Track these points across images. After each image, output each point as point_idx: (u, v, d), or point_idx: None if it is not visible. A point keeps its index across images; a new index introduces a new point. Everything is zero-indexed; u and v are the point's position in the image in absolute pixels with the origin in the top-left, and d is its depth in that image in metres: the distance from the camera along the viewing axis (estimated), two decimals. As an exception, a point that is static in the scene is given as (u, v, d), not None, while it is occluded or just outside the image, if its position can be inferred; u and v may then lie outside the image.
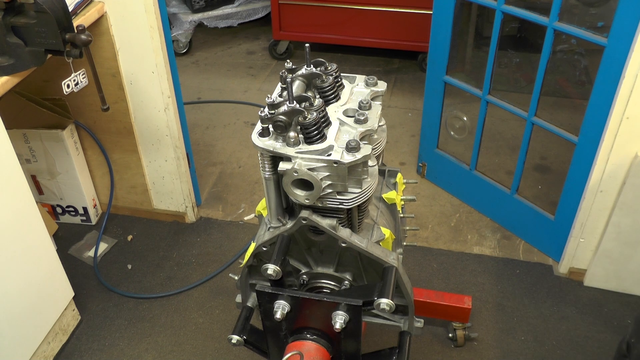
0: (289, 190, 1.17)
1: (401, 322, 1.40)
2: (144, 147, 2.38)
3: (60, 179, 2.44)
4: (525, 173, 2.33)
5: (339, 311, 1.23)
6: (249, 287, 1.46)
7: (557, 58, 3.20)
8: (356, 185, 1.17)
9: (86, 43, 1.59)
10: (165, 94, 2.19)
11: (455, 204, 2.62)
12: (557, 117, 2.94)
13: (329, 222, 1.21)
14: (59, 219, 2.60)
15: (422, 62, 3.56)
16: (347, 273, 1.34)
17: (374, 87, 1.32)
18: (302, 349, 1.29)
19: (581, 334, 2.04)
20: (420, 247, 2.41)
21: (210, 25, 3.96)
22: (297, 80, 1.25)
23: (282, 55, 3.84)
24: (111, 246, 2.47)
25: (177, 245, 2.48)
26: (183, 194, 2.50)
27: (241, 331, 1.41)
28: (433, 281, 2.26)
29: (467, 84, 2.32)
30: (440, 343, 2.04)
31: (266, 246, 1.30)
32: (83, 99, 2.25)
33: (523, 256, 2.35)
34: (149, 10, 1.98)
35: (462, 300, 1.95)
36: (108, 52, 2.09)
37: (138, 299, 2.25)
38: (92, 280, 2.33)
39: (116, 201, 2.59)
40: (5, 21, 1.55)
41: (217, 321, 2.15)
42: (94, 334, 2.12)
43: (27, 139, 2.32)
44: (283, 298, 1.26)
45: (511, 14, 2.03)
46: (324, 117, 1.17)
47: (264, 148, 1.16)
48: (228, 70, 3.77)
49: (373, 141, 1.25)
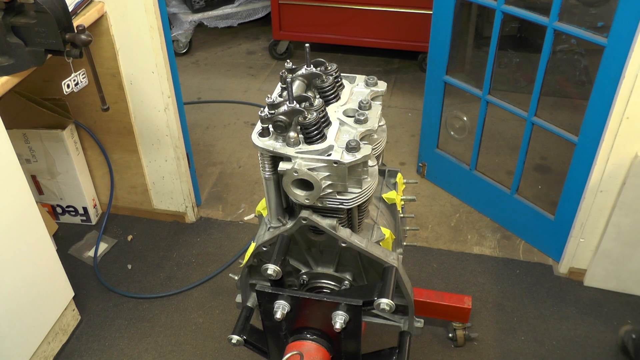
0: (289, 190, 1.17)
1: (401, 322, 1.40)
2: (144, 147, 2.38)
3: (60, 179, 2.44)
4: (525, 173, 2.33)
5: (339, 311, 1.23)
6: (249, 287, 1.46)
7: (557, 58, 3.20)
8: (356, 185, 1.17)
9: (86, 43, 1.59)
10: (165, 94, 2.19)
11: (455, 204, 2.62)
12: (557, 117, 2.95)
13: (329, 222, 1.21)
14: (59, 219, 2.60)
15: (422, 62, 3.56)
16: (347, 273, 1.34)
17: (374, 87, 1.32)
18: (302, 349, 1.29)
19: (581, 334, 2.04)
20: (420, 247, 2.41)
21: (210, 25, 3.96)
22: (297, 80, 1.25)
23: (282, 55, 3.84)
24: (111, 246, 2.47)
25: (177, 245, 2.48)
26: (183, 194, 2.50)
27: (241, 331, 1.41)
28: (433, 281, 2.26)
29: (467, 84, 2.32)
30: (440, 343, 2.04)
31: (266, 246, 1.30)
32: (83, 99, 2.25)
33: (523, 256, 2.35)
34: (149, 10, 1.98)
35: (462, 300, 1.95)
36: (108, 52, 2.09)
37: (138, 299, 2.25)
38: (92, 280, 2.33)
39: (116, 201, 2.59)
40: (5, 21, 1.55)
41: (217, 321, 2.15)
42: (94, 334, 2.12)
43: (27, 139, 2.32)
44: (283, 298, 1.26)
45: (511, 14, 2.03)
46: (324, 117, 1.17)
47: (264, 148, 1.16)
48: (228, 70, 3.77)
49: (373, 141, 1.25)
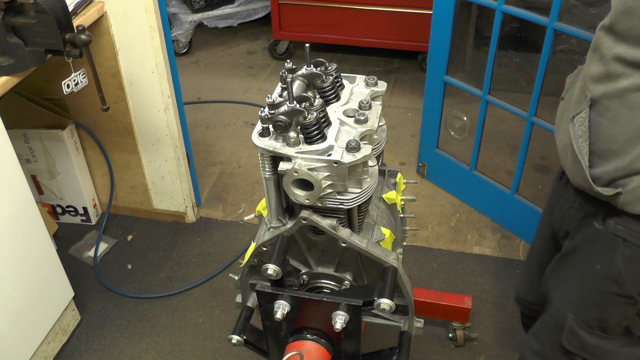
0: (289, 190, 1.17)
1: (401, 322, 1.40)
2: (144, 147, 2.38)
3: (60, 179, 2.44)
4: (525, 173, 2.33)
5: (339, 311, 1.22)
6: (249, 287, 1.46)
7: (557, 58, 3.20)
8: (356, 185, 1.17)
9: (86, 43, 1.59)
10: (165, 94, 2.19)
11: (455, 204, 2.62)
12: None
13: (329, 222, 1.21)
14: (59, 219, 2.59)
15: (422, 62, 3.56)
16: (347, 273, 1.34)
17: (374, 87, 1.32)
18: (302, 349, 1.29)
19: (581, 334, 2.04)
20: (420, 247, 2.41)
21: (210, 25, 3.96)
22: (297, 80, 1.25)
23: (282, 55, 3.84)
24: (111, 246, 2.47)
25: (177, 245, 2.48)
26: (183, 194, 2.50)
27: (241, 331, 1.41)
28: (433, 281, 2.26)
29: (467, 84, 2.32)
30: (440, 343, 2.04)
31: (266, 246, 1.30)
32: (83, 99, 2.25)
33: (523, 256, 2.35)
34: (149, 10, 1.98)
35: (462, 300, 1.95)
36: (108, 52, 2.09)
37: (138, 299, 2.25)
38: (92, 280, 2.33)
39: (116, 201, 2.59)
40: (5, 21, 1.55)
41: (217, 321, 2.15)
42: (94, 334, 2.12)
43: (27, 139, 2.32)
44: (283, 298, 1.26)
45: (511, 14, 2.03)
46: (324, 117, 1.17)
47: (264, 148, 1.16)
48: (228, 70, 3.77)
49: (373, 141, 1.25)
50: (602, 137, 1.12)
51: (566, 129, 1.22)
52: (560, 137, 1.30)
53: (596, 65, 1.13)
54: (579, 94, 1.19)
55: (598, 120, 1.13)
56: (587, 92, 1.14)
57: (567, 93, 1.31)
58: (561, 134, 1.29)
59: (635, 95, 1.05)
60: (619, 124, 1.09)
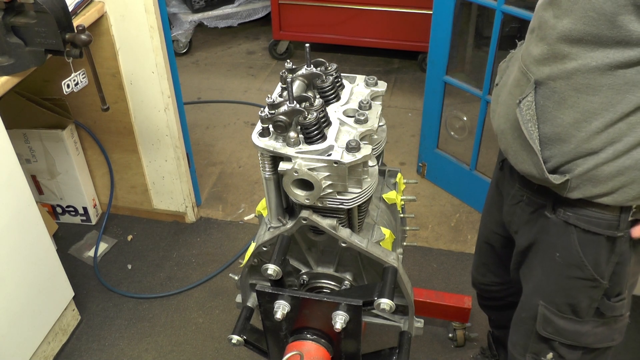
0: (289, 190, 1.17)
1: (401, 322, 1.40)
2: (144, 147, 2.38)
3: (60, 179, 2.44)
4: (525, 173, 2.33)
5: (339, 311, 1.22)
6: (249, 287, 1.46)
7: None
8: (356, 185, 1.17)
9: (86, 43, 1.59)
10: (165, 94, 2.19)
11: (455, 204, 2.62)
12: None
13: (329, 222, 1.21)
14: (59, 219, 2.59)
15: (422, 62, 3.56)
16: (347, 273, 1.34)
17: (374, 87, 1.32)
18: (302, 349, 1.29)
19: (581, 334, 2.04)
20: (420, 247, 2.41)
21: (210, 25, 3.96)
22: (297, 80, 1.25)
23: (282, 55, 3.84)
24: (111, 246, 2.47)
25: (177, 245, 2.48)
26: (183, 194, 2.50)
27: (241, 331, 1.41)
28: (433, 281, 2.26)
29: (467, 84, 2.32)
30: (440, 343, 2.04)
31: (266, 246, 1.30)
32: (83, 99, 2.25)
33: (523, 256, 2.35)
34: (149, 10, 1.98)
35: (462, 300, 1.95)
36: (108, 52, 2.09)
37: (138, 299, 2.25)
38: (92, 280, 2.33)
39: (116, 201, 2.59)
40: (5, 21, 1.56)
41: (217, 321, 2.15)
42: (94, 334, 2.12)
43: (27, 139, 2.32)
44: (283, 298, 1.26)
45: (511, 14, 2.03)
46: (324, 117, 1.17)
47: (264, 148, 1.15)
48: (228, 70, 3.77)
49: (373, 141, 1.25)
50: (548, 120, 1.10)
51: (503, 114, 1.20)
52: (496, 122, 1.26)
53: (537, 46, 1.10)
54: (519, 76, 1.16)
55: (543, 103, 1.10)
56: (529, 75, 1.12)
57: (501, 79, 1.29)
58: (497, 119, 1.26)
59: (582, 77, 1.02)
60: (565, 107, 1.07)
